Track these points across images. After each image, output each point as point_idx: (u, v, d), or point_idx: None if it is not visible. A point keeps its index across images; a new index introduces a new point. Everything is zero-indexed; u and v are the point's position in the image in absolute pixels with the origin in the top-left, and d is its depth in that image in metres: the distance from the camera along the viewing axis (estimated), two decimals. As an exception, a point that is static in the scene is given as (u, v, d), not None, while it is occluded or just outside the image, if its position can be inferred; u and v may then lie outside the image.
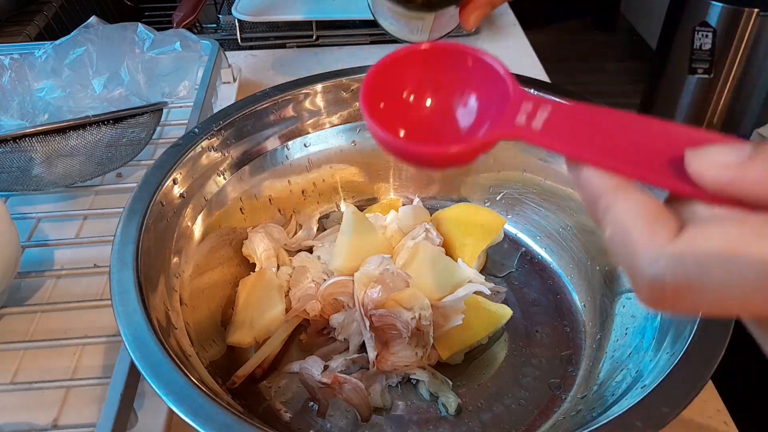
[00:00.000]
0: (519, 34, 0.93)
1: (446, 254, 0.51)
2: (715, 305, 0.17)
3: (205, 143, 0.48)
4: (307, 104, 0.55)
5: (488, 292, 0.48)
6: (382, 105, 0.23)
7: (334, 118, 0.56)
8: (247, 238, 0.51)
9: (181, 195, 0.46)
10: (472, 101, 0.23)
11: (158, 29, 0.68)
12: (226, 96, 0.73)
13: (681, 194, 0.18)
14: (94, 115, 0.54)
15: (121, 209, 0.42)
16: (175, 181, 0.45)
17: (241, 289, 0.49)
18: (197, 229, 0.47)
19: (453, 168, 0.28)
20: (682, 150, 0.17)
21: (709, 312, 0.17)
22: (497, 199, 0.57)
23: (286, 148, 0.54)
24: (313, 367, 0.42)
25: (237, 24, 0.89)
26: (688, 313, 0.17)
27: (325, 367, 0.43)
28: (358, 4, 0.90)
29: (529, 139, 0.21)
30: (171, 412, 0.33)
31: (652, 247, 0.17)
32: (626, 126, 0.19)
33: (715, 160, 0.16)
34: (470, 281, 0.48)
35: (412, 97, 0.24)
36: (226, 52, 0.77)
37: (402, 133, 0.23)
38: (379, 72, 0.24)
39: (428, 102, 0.24)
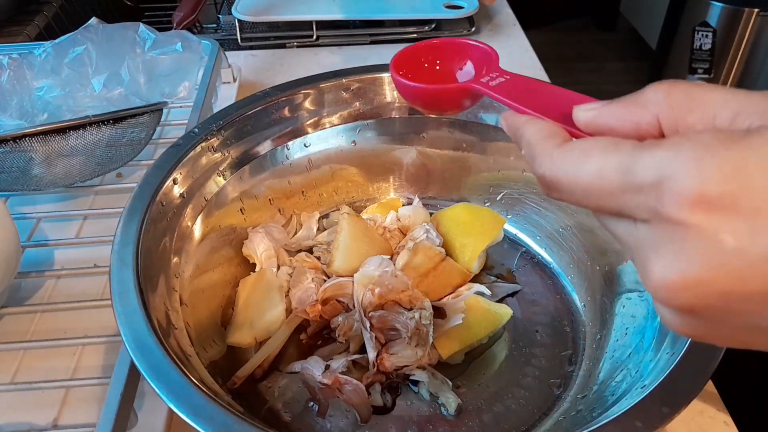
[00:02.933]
0: (519, 34, 0.93)
1: (446, 254, 0.51)
2: (583, 196, 0.23)
3: (204, 143, 0.48)
4: (307, 104, 0.55)
5: (488, 292, 0.48)
6: (403, 70, 0.36)
7: (334, 118, 0.56)
8: (247, 238, 0.51)
9: (181, 195, 0.46)
10: (465, 70, 0.36)
11: (158, 29, 0.68)
12: (226, 96, 0.73)
13: (569, 131, 0.26)
14: (94, 115, 0.54)
15: (121, 209, 0.42)
16: (175, 181, 0.45)
17: (241, 289, 0.49)
18: (197, 229, 0.47)
19: (450, 110, 0.40)
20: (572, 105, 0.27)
21: (580, 202, 0.23)
22: (497, 199, 0.57)
23: (286, 148, 0.54)
24: (314, 367, 0.42)
25: (237, 24, 0.89)
26: (572, 203, 0.24)
27: (326, 368, 0.43)
28: (358, 4, 0.90)
29: (484, 91, 0.31)
30: (171, 412, 0.33)
31: (543, 153, 0.24)
32: (545, 91, 0.29)
33: (586, 107, 0.25)
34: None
35: (426, 65, 0.37)
36: (226, 52, 0.77)
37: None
38: (406, 52, 0.37)
39: (437, 68, 0.37)
